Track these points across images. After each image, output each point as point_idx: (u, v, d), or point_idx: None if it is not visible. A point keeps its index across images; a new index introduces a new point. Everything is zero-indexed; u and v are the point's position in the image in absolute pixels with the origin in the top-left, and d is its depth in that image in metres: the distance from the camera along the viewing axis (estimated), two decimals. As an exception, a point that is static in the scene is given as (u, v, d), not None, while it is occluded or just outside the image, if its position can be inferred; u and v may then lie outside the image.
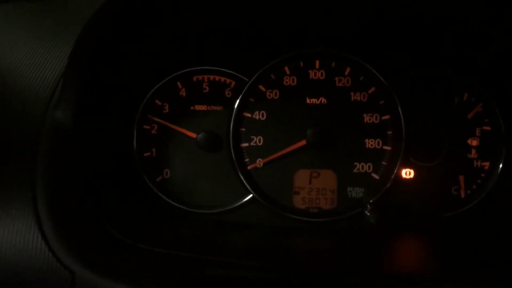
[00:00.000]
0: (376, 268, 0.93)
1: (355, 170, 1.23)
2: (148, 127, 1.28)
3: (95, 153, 1.07)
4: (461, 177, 1.22)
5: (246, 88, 1.24)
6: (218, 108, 1.27)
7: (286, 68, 1.25)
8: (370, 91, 1.24)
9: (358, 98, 1.24)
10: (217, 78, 1.28)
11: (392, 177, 1.21)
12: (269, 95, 1.26)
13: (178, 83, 1.28)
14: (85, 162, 1.00)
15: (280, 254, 1.03)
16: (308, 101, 1.25)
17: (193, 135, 1.25)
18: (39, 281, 0.87)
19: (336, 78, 1.25)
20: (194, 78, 1.28)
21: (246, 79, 1.25)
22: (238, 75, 1.26)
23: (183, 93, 1.28)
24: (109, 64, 1.05)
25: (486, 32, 1.10)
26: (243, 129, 1.26)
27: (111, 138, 1.17)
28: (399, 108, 1.21)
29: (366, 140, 1.23)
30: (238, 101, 1.25)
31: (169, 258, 0.92)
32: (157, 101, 1.28)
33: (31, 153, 0.91)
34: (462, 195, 1.22)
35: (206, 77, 1.28)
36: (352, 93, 1.24)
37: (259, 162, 1.25)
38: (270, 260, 0.96)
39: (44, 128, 0.93)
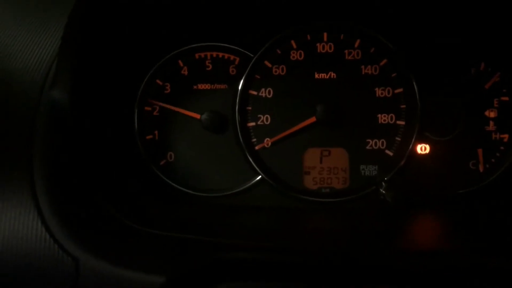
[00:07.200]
0: (393, 247, 0.90)
1: (367, 147, 1.19)
2: (149, 108, 1.23)
3: (95, 134, 1.02)
4: (479, 151, 1.18)
5: (251, 64, 1.19)
6: (222, 86, 1.22)
7: (293, 42, 1.20)
8: (381, 64, 1.19)
9: (369, 72, 1.19)
10: (220, 55, 1.23)
11: (407, 153, 1.17)
12: (276, 71, 1.21)
13: (179, 61, 1.23)
14: (84, 144, 0.95)
15: (292, 236, 1.00)
16: (316, 76, 1.20)
17: (197, 116, 1.20)
18: (41, 269, 0.83)
19: (346, 51, 1.20)
20: (196, 56, 1.23)
21: (251, 55, 1.20)
22: (243, 50, 1.20)
23: (185, 71, 1.23)
24: (104, 40, 1.00)
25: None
26: (249, 108, 1.21)
27: (111, 120, 1.12)
28: (413, 81, 1.16)
29: (379, 115, 1.19)
30: (243, 78, 1.20)
31: (177, 242, 0.88)
32: (158, 81, 1.23)
33: (28, 135, 0.87)
34: (481, 170, 1.18)
35: (208, 54, 1.23)
36: (362, 66, 1.19)
37: (267, 142, 1.21)
38: (281, 241, 0.92)
39: (40, 109, 0.89)
